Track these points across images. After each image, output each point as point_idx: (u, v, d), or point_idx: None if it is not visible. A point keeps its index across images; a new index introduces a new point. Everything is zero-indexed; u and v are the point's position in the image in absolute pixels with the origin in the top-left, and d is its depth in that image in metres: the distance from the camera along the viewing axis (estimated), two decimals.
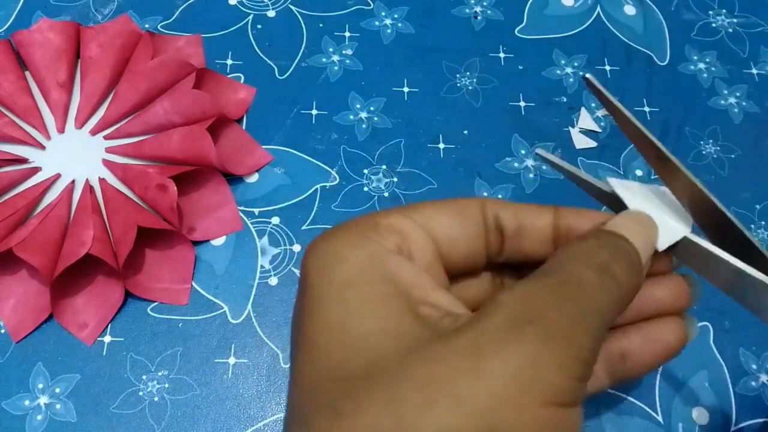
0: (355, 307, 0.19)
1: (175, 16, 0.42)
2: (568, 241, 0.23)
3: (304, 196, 0.36)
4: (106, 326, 0.32)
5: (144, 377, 0.31)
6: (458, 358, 0.17)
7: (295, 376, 0.20)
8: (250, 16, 0.42)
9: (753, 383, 0.32)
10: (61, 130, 0.36)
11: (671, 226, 0.24)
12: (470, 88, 0.41)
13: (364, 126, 0.39)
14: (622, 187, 0.25)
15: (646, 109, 0.40)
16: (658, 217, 0.24)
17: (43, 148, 0.36)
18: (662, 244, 0.24)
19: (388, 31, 0.43)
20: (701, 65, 0.42)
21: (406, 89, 0.40)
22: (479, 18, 0.44)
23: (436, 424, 0.16)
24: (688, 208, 0.25)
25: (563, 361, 0.17)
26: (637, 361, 0.24)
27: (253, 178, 0.37)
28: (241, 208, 0.36)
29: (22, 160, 0.35)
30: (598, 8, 0.45)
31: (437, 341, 0.18)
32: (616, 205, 0.25)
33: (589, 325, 0.19)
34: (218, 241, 0.35)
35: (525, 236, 0.23)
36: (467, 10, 0.44)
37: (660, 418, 0.31)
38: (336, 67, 0.41)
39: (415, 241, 0.22)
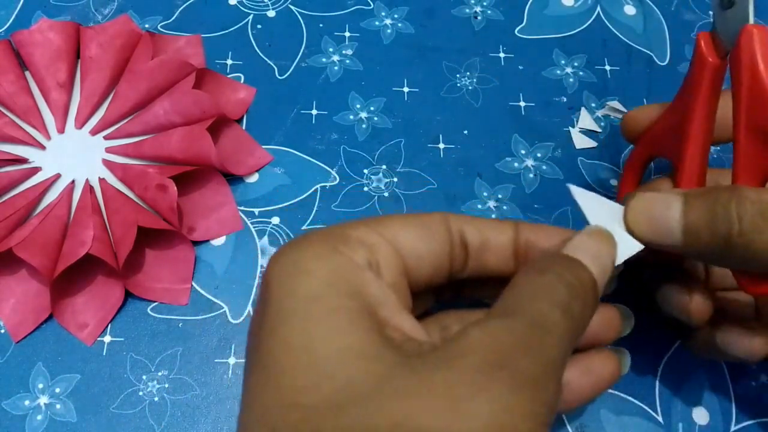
0: (320, 325, 0.18)
1: (175, 16, 0.42)
2: (528, 259, 0.23)
3: (304, 196, 0.36)
4: (106, 326, 0.32)
5: (144, 377, 0.31)
6: (434, 396, 0.17)
7: (248, 400, 0.19)
8: (250, 16, 0.42)
9: (753, 383, 0.32)
10: (61, 130, 0.36)
11: (628, 241, 0.24)
12: (470, 88, 0.41)
13: (364, 126, 0.39)
14: (581, 196, 0.25)
15: None
16: (616, 231, 0.24)
17: (43, 148, 0.36)
18: (619, 258, 0.24)
19: (388, 31, 0.43)
20: None
21: (406, 89, 0.40)
22: (479, 18, 0.44)
23: None
24: None
25: (533, 409, 0.18)
26: (574, 393, 0.24)
27: (253, 178, 0.37)
28: (241, 208, 0.36)
29: (22, 160, 0.35)
30: (598, 8, 0.45)
31: (410, 373, 0.18)
32: None
33: (554, 369, 0.19)
34: (218, 241, 0.35)
35: (488, 251, 0.23)
36: (467, 10, 0.44)
37: (660, 418, 0.31)
38: (336, 67, 0.41)
39: (384, 256, 0.21)
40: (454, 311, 0.26)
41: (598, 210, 0.25)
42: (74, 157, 0.36)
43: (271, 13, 0.43)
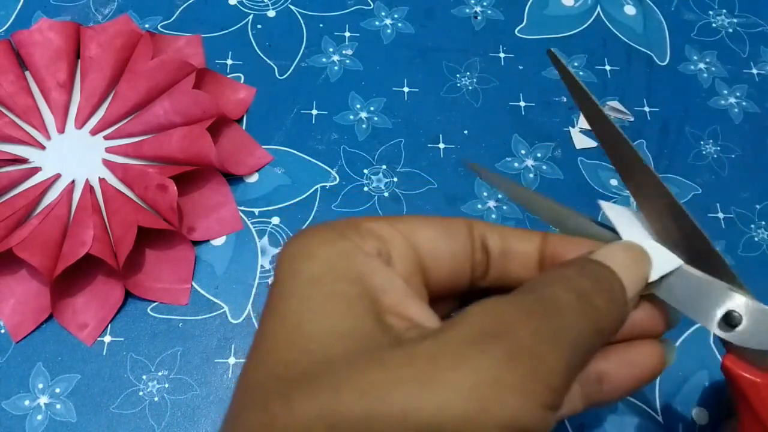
0: (316, 306, 0.18)
1: (175, 16, 0.42)
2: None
3: (304, 196, 0.36)
4: (106, 326, 0.32)
5: (144, 377, 0.31)
6: (411, 366, 0.16)
7: (241, 374, 0.19)
8: (250, 16, 0.42)
9: None
10: (61, 130, 0.36)
11: (665, 256, 0.23)
12: (470, 88, 0.41)
13: (364, 126, 0.39)
14: (613, 212, 0.24)
15: (646, 109, 0.40)
16: (651, 246, 0.23)
17: (43, 148, 0.36)
18: (654, 274, 0.23)
19: (388, 31, 0.43)
20: (701, 65, 0.42)
21: (406, 89, 0.40)
22: (479, 18, 0.44)
23: None
24: (654, 214, 0.23)
25: (529, 385, 0.16)
26: (613, 385, 0.22)
27: (253, 178, 0.37)
28: (241, 208, 0.36)
29: (22, 160, 0.35)
30: (598, 8, 0.45)
31: (394, 347, 0.17)
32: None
33: (561, 349, 0.17)
34: (218, 241, 0.35)
35: (511, 259, 0.22)
36: (467, 10, 0.44)
37: (660, 418, 0.31)
38: (336, 67, 0.41)
39: (396, 249, 0.21)
40: None
41: (631, 225, 0.24)
42: (74, 157, 0.36)
43: (271, 13, 0.43)
